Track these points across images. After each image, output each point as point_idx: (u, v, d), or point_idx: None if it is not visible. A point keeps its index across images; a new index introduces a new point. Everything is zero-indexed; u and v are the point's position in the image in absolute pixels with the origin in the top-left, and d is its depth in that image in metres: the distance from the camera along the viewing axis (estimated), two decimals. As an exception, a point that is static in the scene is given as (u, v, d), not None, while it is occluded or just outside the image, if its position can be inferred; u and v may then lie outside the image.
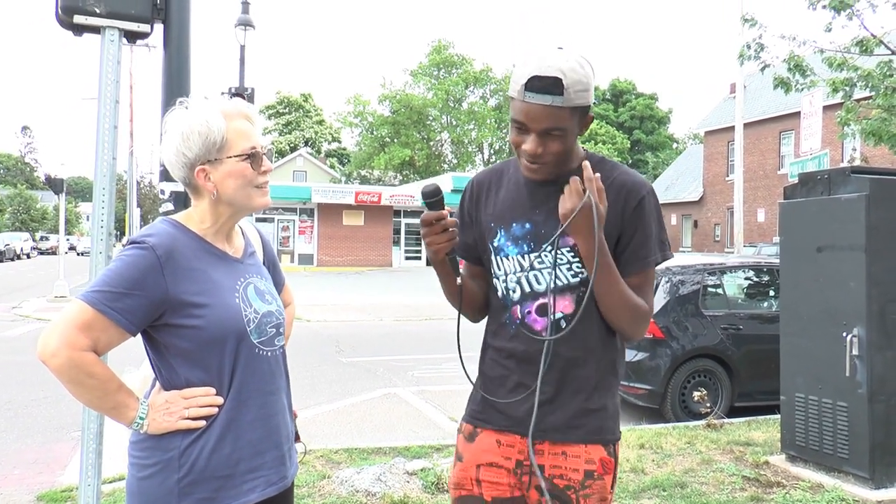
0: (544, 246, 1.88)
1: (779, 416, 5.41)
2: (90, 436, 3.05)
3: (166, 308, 1.72)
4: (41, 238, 60.96)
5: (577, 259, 1.86)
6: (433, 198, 1.83)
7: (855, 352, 4.64)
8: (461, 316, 2.00)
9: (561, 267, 1.87)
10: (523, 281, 1.90)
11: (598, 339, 1.89)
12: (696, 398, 6.86)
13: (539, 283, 1.89)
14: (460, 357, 2.00)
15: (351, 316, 15.71)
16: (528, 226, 1.91)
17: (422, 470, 4.84)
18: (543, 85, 1.73)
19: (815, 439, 4.94)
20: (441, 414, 7.24)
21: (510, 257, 1.92)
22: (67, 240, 46.30)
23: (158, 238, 1.74)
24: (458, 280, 1.93)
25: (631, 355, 6.99)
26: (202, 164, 1.78)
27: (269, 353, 1.86)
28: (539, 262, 1.89)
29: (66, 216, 25.12)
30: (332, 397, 7.94)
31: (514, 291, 1.92)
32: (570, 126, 1.79)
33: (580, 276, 1.86)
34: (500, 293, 1.96)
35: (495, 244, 1.95)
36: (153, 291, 1.69)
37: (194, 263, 1.77)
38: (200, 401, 1.75)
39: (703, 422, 6.34)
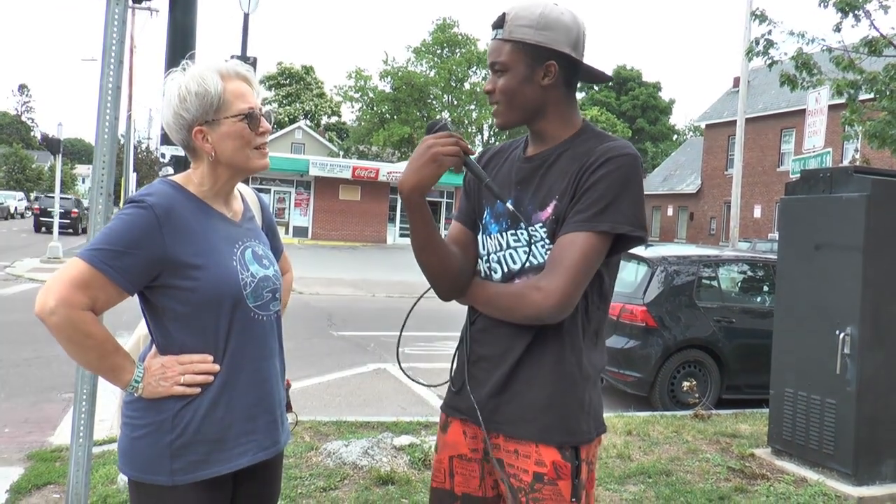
0: (521, 223, 1.79)
1: (766, 409, 5.46)
2: (83, 397, 3.05)
3: (164, 268, 1.71)
4: (36, 198, 60.57)
5: (548, 236, 1.76)
6: (438, 125, 1.75)
7: (846, 350, 4.67)
8: (435, 284, 1.89)
9: (536, 244, 1.77)
10: (502, 260, 1.83)
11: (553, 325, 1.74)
12: (684, 388, 6.91)
13: (514, 262, 1.81)
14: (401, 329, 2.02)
15: (344, 290, 15.71)
16: (508, 203, 1.83)
17: (409, 445, 4.86)
18: (494, 23, 1.79)
19: (802, 434, 4.98)
20: (430, 391, 7.26)
21: (492, 235, 1.86)
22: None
23: (157, 197, 1.73)
24: (487, 179, 1.78)
25: (622, 343, 7.01)
26: (199, 126, 1.78)
27: (264, 318, 1.85)
28: (514, 240, 1.81)
29: (62, 177, 24.93)
30: (322, 370, 7.96)
31: (495, 272, 1.85)
32: (513, 63, 1.75)
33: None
34: (482, 274, 1.90)
35: (482, 222, 1.91)
36: (151, 250, 1.68)
37: (192, 224, 1.76)
38: (197, 367, 1.74)
39: (690, 412, 6.39)
